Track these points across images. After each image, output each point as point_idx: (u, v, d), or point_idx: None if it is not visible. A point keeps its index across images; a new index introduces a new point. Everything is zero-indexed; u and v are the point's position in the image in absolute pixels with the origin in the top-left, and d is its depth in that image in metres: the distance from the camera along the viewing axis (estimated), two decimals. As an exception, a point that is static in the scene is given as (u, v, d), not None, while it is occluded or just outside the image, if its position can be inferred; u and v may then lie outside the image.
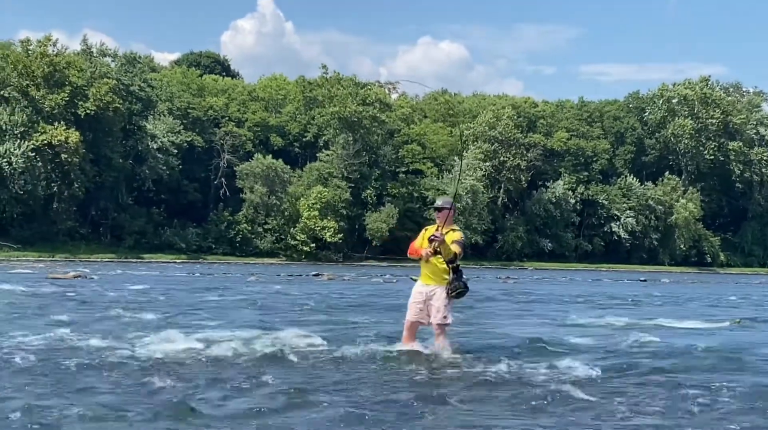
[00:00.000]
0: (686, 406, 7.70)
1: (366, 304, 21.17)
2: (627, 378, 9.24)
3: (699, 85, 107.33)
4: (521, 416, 7.19)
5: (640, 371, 9.73)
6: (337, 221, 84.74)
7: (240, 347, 10.70)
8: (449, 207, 10.88)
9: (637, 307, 23.71)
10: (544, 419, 7.06)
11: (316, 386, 8.26)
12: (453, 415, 7.17)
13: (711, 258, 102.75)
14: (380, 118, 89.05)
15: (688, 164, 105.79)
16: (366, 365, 9.79)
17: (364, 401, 7.63)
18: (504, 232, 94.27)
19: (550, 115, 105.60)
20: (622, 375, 9.42)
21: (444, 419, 7.06)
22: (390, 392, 8.13)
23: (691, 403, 7.82)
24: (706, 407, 7.67)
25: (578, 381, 8.81)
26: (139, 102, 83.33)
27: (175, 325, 13.77)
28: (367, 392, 8.07)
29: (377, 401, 7.65)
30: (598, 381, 8.90)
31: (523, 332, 13.85)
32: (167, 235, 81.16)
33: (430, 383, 8.77)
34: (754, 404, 7.84)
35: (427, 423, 6.92)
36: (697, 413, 7.43)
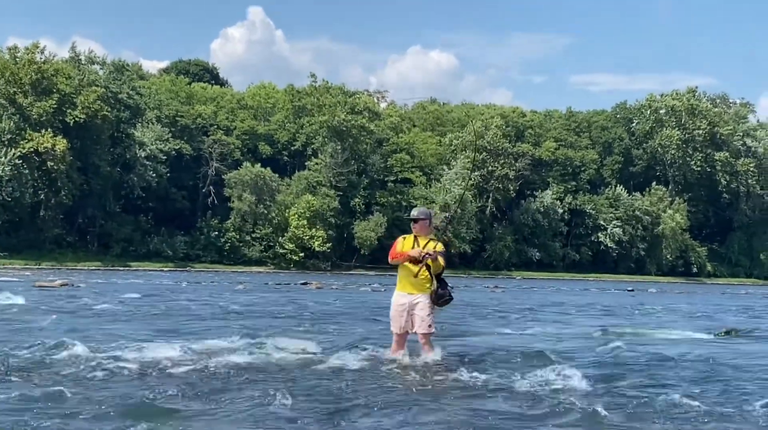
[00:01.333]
0: (674, 416, 7.72)
1: (354, 313, 21.16)
2: (613, 388, 9.24)
3: (686, 96, 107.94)
4: (508, 425, 7.18)
5: (628, 381, 9.73)
6: (326, 229, 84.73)
7: (226, 356, 10.66)
8: (425, 217, 10.84)
9: (624, 317, 23.76)
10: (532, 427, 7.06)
11: (303, 396, 8.23)
12: (440, 423, 7.16)
13: (698, 268, 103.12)
14: (369, 127, 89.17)
15: (675, 175, 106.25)
16: (353, 374, 9.77)
17: (350, 410, 7.61)
18: (492, 241, 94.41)
19: (539, 125, 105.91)
20: (609, 385, 9.42)
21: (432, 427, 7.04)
22: (377, 400, 8.12)
23: (678, 413, 7.83)
24: (691, 418, 7.68)
25: (566, 390, 8.81)
26: (127, 110, 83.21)
27: (160, 333, 13.73)
28: (354, 401, 8.06)
29: (364, 410, 7.63)
30: (585, 391, 8.91)
31: (510, 342, 13.86)
32: (155, 243, 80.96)
33: (419, 391, 8.75)
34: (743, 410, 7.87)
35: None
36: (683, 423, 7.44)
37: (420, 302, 10.59)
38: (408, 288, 10.66)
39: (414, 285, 10.62)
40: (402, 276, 10.72)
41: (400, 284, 10.76)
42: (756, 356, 12.82)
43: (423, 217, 10.84)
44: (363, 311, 21.87)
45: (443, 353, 11.14)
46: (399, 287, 10.77)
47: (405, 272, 10.67)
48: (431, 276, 10.61)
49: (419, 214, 10.89)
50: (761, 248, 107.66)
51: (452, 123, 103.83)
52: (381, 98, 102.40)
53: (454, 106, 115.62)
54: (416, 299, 10.60)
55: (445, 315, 19.31)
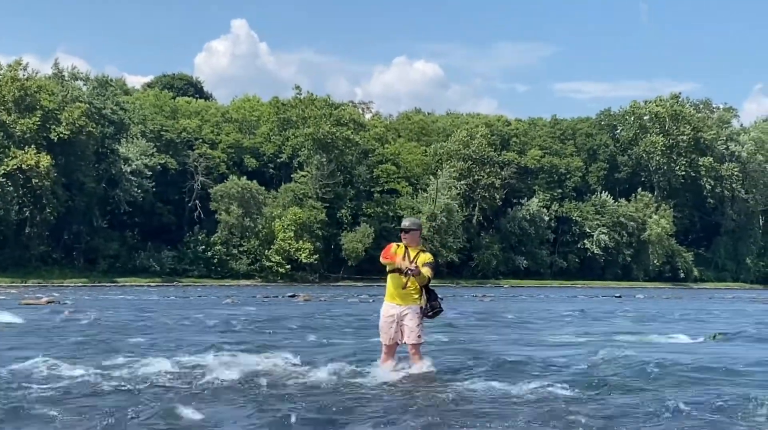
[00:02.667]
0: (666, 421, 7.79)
1: (343, 324, 21.18)
2: (599, 395, 9.31)
3: (670, 102, 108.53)
4: None
5: (614, 387, 9.80)
6: (313, 241, 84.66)
7: (216, 370, 10.68)
8: (417, 228, 10.90)
9: (613, 323, 23.86)
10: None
11: (292, 408, 8.27)
12: None
13: (684, 273, 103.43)
14: (354, 139, 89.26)
15: (660, 181, 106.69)
16: (344, 386, 9.81)
17: (340, 422, 7.66)
18: (479, 250, 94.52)
19: (523, 133, 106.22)
20: (599, 392, 9.49)
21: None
22: (365, 411, 8.17)
23: (670, 418, 7.91)
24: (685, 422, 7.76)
25: (552, 398, 8.88)
26: (111, 125, 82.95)
27: (149, 349, 13.74)
28: (343, 413, 8.10)
29: (350, 421, 7.68)
30: (576, 398, 8.98)
31: (499, 351, 13.92)
32: (141, 258, 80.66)
33: (408, 402, 8.80)
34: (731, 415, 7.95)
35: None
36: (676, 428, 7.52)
37: (409, 313, 10.63)
38: (397, 299, 10.70)
39: (402, 296, 10.67)
40: (391, 287, 10.75)
41: (389, 294, 10.79)
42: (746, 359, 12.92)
43: (415, 227, 10.90)
44: (352, 322, 21.89)
45: (433, 364, 11.19)
46: (388, 298, 10.81)
47: (394, 282, 10.71)
48: (420, 289, 10.67)
49: (411, 224, 10.92)
50: (747, 252, 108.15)
51: (437, 133, 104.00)
52: (366, 109, 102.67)
53: (439, 115, 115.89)
54: (405, 310, 10.64)
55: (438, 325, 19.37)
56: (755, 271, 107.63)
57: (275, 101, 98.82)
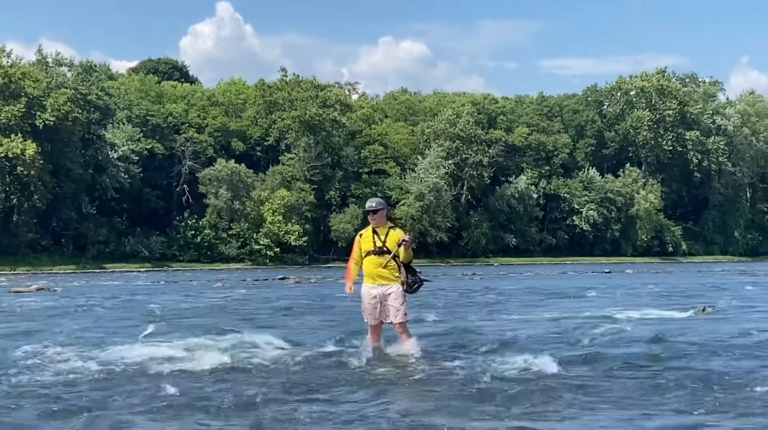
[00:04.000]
0: (651, 394, 7.81)
1: (333, 306, 21.19)
2: (587, 372, 9.32)
3: (656, 76, 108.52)
4: (487, 411, 7.24)
5: (602, 363, 9.82)
6: (302, 223, 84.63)
7: (207, 354, 10.66)
8: (382, 207, 10.90)
9: (602, 298, 23.92)
10: (510, 412, 7.13)
11: (279, 390, 8.27)
12: (418, 411, 7.22)
13: (673, 247, 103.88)
14: (341, 120, 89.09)
15: (647, 156, 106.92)
16: (332, 367, 9.81)
17: (328, 401, 7.65)
18: (468, 229, 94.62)
19: (510, 111, 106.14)
20: (588, 367, 9.51)
21: (411, 416, 7.09)
22: (356, 390, 8.17)
23: (656, 391, 7.93)
24: (671, 395, 7.78)
25: (544, 375, 8.90)
26: (97, 111, 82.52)
27: (143, 334, 13.71)
28: (333, 393, 8.10)
29: (342, 400, 7.68)
30: (567, 375, 8.99)
31: (488, 328, 13.94)
32: (131, 244, 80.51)
33: (397, 381, 8.81)
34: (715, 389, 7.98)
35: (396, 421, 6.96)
36: (662, 401, 7.54)
37: (392, 292, 10.60)
38: (378, 280, 10.65)
39: (383, 276, 10.64)
40: (370, 268, 10.69)
41: (368, 276, 10.74)
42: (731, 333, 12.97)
43: (381, 207, 10.90)
44: (341, 303, 21.89)
45: (420, 341, 11.21)
46: (368, 279, 10.76)
47: (372, 263, 10.65)
48: (398, 265, 10.66)
49: (377, 204, 10.92)
50: (735, 225, 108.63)
51: (424, 112, 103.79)
52: (352, 90, 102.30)
53: (426, 95, 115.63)
54: (388, 289, 10.61)
55: (426, 304, 19.39)
56: (743, 244, 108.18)
57: (261, 84, 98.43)
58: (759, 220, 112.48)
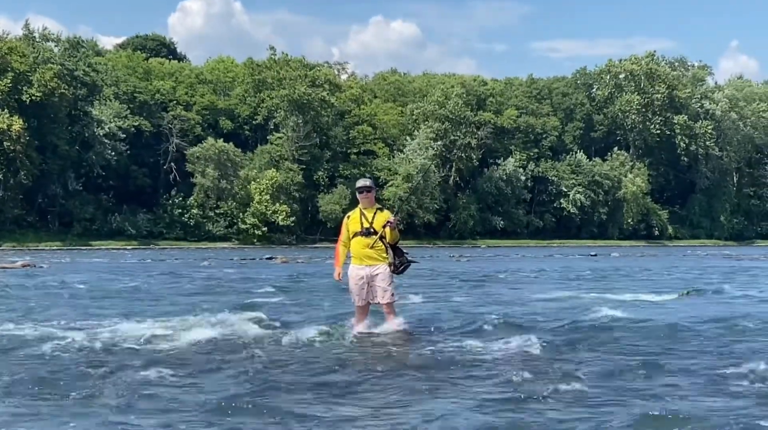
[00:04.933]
0: (633, 378, 7.82)
1: (320, 286, 21.18)
2: (573, 355, 9.33)
3: (645, 60, 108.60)
4: (475, 392, 7.24)
5: (589, 346, 9.83)
6: (290, 203, 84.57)
7: (193, 333, 10.63)
8: (374, 187, 10.97)
9: (587, 281, 23.99)
10: (493, 395, 7.12)
11: (264, 370, 8.24)
12: (405, 393, 7.20)
13: (659, 231, 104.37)
14: (330, 100, 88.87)
15: (635, 139, 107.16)
16: (319, 348, 9.79)
17: (313, 383, 7.63)
18: (456, 210, 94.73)
19: (500, 93, 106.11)
20: (569, 349, 9.52)
21: (397, 397, 7.08)
22: (342, 372, 8.15)
23: (637, 374, 7.94)
24: (651, 380, 7.79)
25: (529, 356, 8.91)
26: (84, 87, 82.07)
27: (129, 312, 13.66)
28: (317, 374, 8.08)
29: (327, 382, 7.66)
30: (553, 357, 8.99)
31: (475, 310, 13.95)
32: (117, 221, 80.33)
33: (385, 362, 8.79)
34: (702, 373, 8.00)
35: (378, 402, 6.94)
36: (642, 386, 7.55)
37: (379, 273, 10.59)
38: (365, 260, 10.65)
39: (370, 256, 10.63)
40: (357, 248, 10.69)
41: (355, 256, 10.74)
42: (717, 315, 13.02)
43: (374, 187, 10.99)
44: (328, 284, 21.87)
45: (407, 321, 11.20)
46: (355, 260, 10.76)
47: (360, 244, 10.65)
48: (386, 246, 10.63)
49: (371, 183, 10.96)
50: (721, 209, 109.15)
51: (413, 93, 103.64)
52: (341, 70, 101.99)
53: (415, 76, 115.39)
54: (375, 270, 10.60)
55: (414, 285, 19.39)
56: (729, 228, 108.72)
57: (250, 62, 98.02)
58: (745, 204, 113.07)
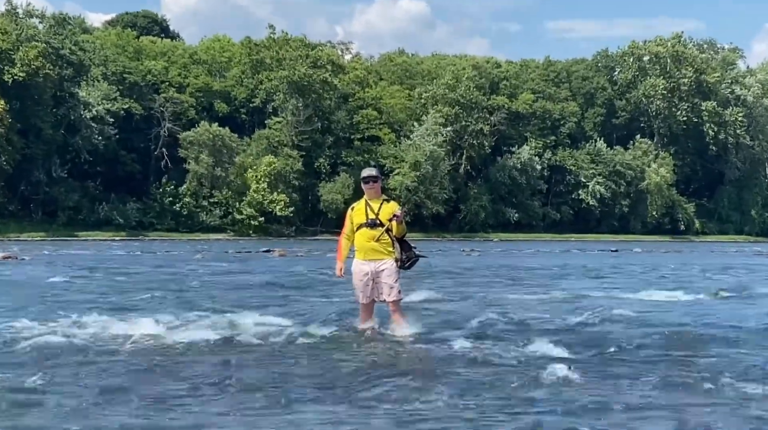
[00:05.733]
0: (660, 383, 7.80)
1: (321, 281, 21.16)
2: (596, 356, 9.31)
3: (671, 41, 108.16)
4: (486, 398, 7.23)
5: (611, 348, 9.80)
6: (288, 192, 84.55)
7: (191, 333, 10.62)
8: (381, 177, 10.98)
9: (607, 278, 23.93)
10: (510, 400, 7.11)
11: (265, 373, 8.24)
12: (413, 399, 7.19)
13: (685, 225, 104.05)
14: (332, 82, 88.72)
15: (660, 126, 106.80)
16: (322, 349, 9.78)
17: (314, 387, 7.63)
18: (467, 201, 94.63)
19: (514, 76, 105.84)
20: (591, 353, 9.49)
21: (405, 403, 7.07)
22: (349, 374, 8.14)
23: (668, 379, 7.91)
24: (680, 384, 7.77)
25: (546, 359, 8.88)
26: (70, 67, 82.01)
27: (115, 309, 13.66)
28: (319, 377, 8.08)
29: (329, 386, 7.66)
30: (564, 359, 8.95)
31: (487, 309, 13.91)
32: (105, 210, 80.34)
33: (392, 364, 8.78)
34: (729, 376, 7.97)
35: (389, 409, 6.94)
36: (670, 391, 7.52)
37: (385, 268, 10.54)
38: (370, 254, 10.60)
39: (375, 250, 10.58)
40: (362, 241, 10.63)
41: (360, 250, 10.68)
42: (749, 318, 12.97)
43: (380, 176, 11.00)
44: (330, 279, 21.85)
45: (416, 322, 11.18)
46: (359, 254, 10.70)
47: (364, 236, 10.59)
48: (392, 240, 10.62)
49: (378, 173, 10.97)
50: (752, 202, 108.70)
51: (422, 75, 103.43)
52: (345, 50, 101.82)
53: (424, 57, 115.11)
54: (381, 265, 10.56)
55: (419, 281, 19.37)
56: (760, 222, 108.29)
57: (247, 42, 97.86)
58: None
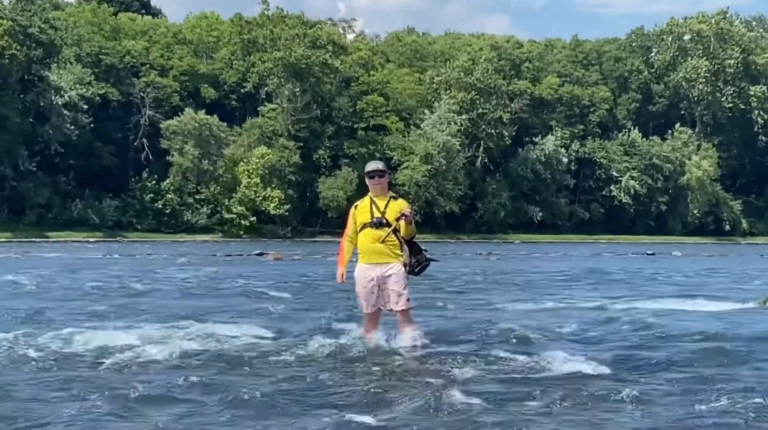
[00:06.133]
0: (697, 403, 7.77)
1: (321, 287, 21.17)
2: (628, 371, 9.28)
3: (715, 18, 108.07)
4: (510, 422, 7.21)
5: (647, 362, 9.78)
6: (284, 188, 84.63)
7: (177, 346, 10.58)
8: (388, 172, 10.99)
9: (643, 286, 23.90)
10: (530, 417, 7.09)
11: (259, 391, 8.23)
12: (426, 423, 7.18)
13: (730, 226, 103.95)
14: (333, 64, 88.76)
15: (702, 114, 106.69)
16: (323, 363, 9.77)
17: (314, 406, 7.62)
18: (485, 198, 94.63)
19: (538, 58, 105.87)
20: (623, 367, 9.47)
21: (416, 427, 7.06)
22: (352, 390, 8.13)
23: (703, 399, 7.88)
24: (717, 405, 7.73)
25: (579, 376, 8.85)
26: (39, 47, 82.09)
27: (92, 318, 13.67)
28: (326, 394, 8.07)
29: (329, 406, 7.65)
30: (592, 374, 8.93)
31: (508, 318, 13.91)
32: (78, 208, 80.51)
33: (401, 381, 8.76)
34: None
35: None
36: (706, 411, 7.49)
37: (392, 273, 10.50)
38: (375, 257, 10.55)
39: (382, 253, 10.54)
40: (366, 243, 10.58)
41: (363, 254, 10.64)
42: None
43: (387, 170, 10.96)
44: (331, 285, 21.86)
45: (426, 332, 11.15)
46: (363, 258, 10.66)
47: (369, 237, 10.54)
48: (400, 242, 10.60)
49: (384, 167, 10.93)
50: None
51: (434, 57, 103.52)
52: (348, 29, 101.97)
53: (437, 36, 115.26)
54: (387, 270, 10.51)
55: (429, 288, 19.35)
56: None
57: (238, 19, 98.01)
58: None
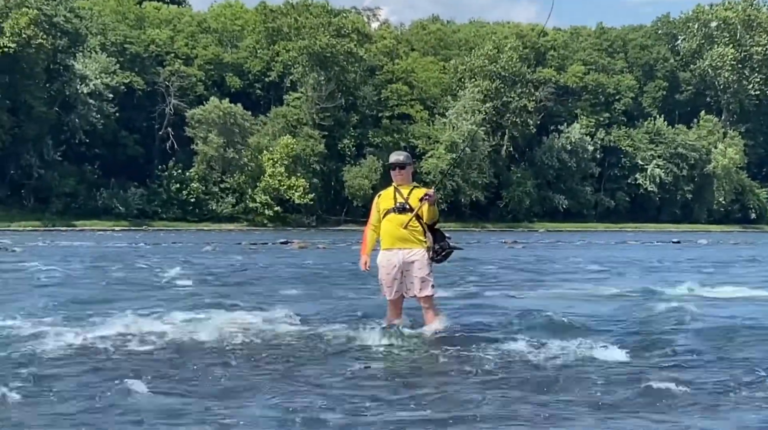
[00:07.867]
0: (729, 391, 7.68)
1: (345, 276, 21.14)
2: (655, 359, 9.20)
3: (742, 5, 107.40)
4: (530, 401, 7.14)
5: (674, 350, 9.69)
6: (309, 177, 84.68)
7: (206, 332, 10.58)
8: (411, 162, 11.00)
9: (670, 273, 23.77)
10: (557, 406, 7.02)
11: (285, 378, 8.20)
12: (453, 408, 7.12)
13: (757, 214, 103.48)
14: (358, 53, 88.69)
15: (729, 102, 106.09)
16: (347, 351, 9.73)
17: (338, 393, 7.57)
18: (509, 187, 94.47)
19: (563, 46, 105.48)
20: (650, 355, 9.38)
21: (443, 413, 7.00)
22: (375, 382, 8.08)
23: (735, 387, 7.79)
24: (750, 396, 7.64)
25: (599, 363, 8.77)
26: (65, 36, 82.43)
27: (123, 306, 13.68)
28: (343, 382, 8.02)
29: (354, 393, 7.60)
30: (619, 363, 8.86)
31: (534, 305, 13.82)
32: (103, 197, 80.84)
33: (424, 368, 8.71)
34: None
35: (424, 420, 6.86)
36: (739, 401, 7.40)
37: (416, 260, 10.44)
38: (398, 243, 10.51)
39: (404, 239, 10.49)
40: (389, 229, 10.55)
41: (386, 239, 10.60)
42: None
43: (410, 162, 10.95)
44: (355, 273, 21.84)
45: (451, 320, 11.09)
46: (385, 243, 10.62)
47: (392, 223, 10.51)
48: (423, 228, 10.55)
49: (406, 158, 10.90)
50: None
51: (459, 46, 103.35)
52: (372, 17, 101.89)
53: (461, 24, 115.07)
54: (410, 255, 10.45)
55: (459, 277, 19.29)
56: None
57: (262, 8, 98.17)
58: None
